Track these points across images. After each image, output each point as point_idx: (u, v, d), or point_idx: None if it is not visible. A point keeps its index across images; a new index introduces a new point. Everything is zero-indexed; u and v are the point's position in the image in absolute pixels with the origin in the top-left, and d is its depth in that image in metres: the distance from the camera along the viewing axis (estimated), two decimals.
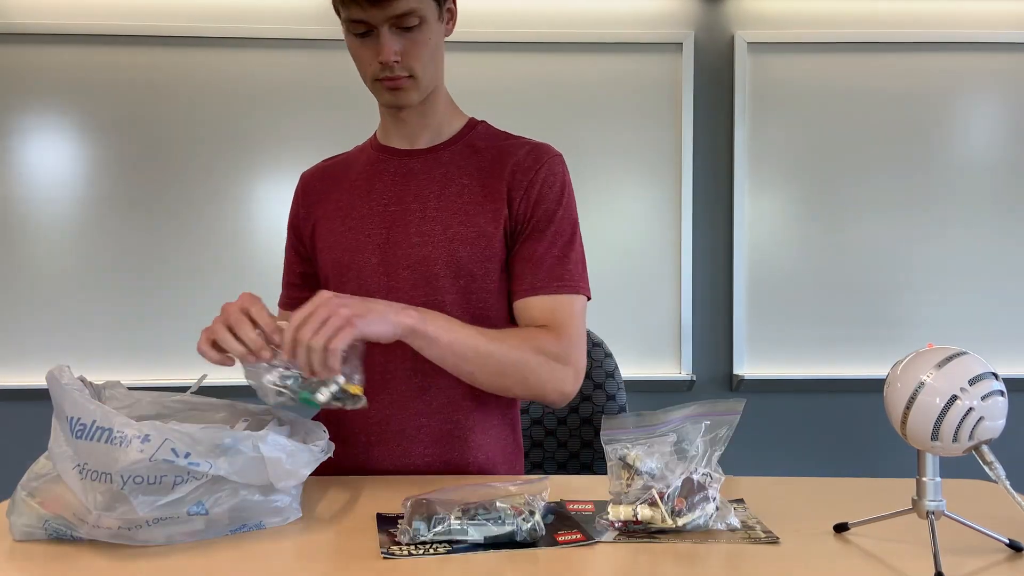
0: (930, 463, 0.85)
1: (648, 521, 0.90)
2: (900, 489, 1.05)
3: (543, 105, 2.51)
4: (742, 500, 1.03)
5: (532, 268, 1.22)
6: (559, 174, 1.27)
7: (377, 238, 1.25)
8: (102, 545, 0.87)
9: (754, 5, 2.55)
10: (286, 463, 0.91)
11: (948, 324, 2.56)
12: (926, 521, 0.84)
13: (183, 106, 2.48)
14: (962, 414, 0.80)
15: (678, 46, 2.53)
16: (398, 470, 1.22)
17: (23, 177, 2.46)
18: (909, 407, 0.82)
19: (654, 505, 0.90)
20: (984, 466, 0.82)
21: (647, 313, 2.54)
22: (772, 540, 0.89)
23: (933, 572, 0.78)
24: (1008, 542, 0.87)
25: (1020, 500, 0.82)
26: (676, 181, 2.54)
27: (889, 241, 2.56)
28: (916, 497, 0.86)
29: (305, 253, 1.36)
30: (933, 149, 2.56)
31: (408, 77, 1.20)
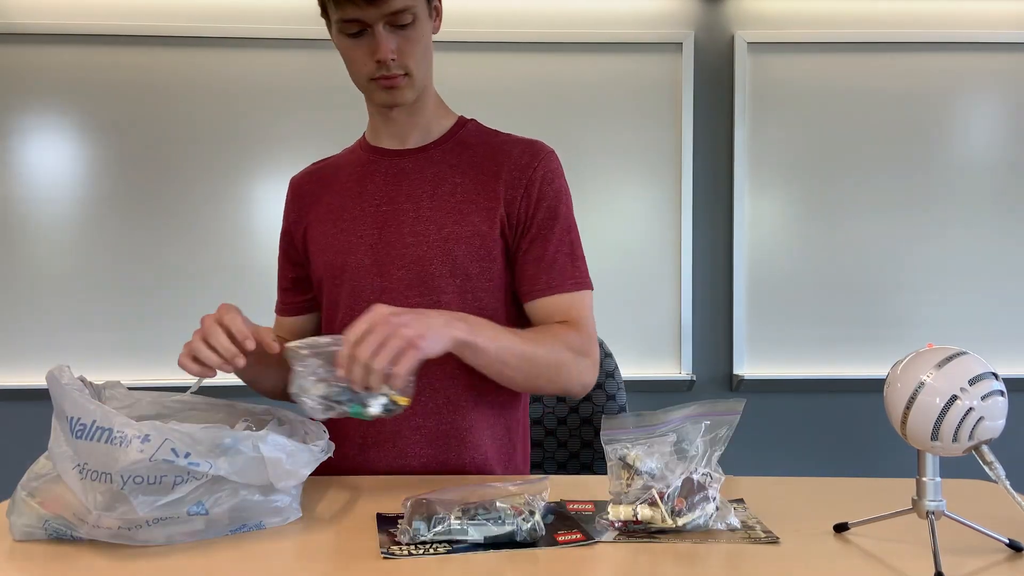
0: (930, 463, 0.85)
1: (648, 521, 0.90)
2: (900, 489, 1.05)
3: (543, 105, 2.51)
4: (742, 500, 1.03)
5: (546, 268, 1.23)
6: (556, 170, 1.28)
7: (370, 239, 1.25)
8: (102, 545, 0.87)
9: (754, 5, 2.55)
10: (286, 463, 0.91)
11: (948, 324, 2.56)
12: (926, 521, 0.84)
13: (183, 106, 2.47)
14: (962, 414, 0.80)
15: (678, 46, 2.53)
16: (394, 471, 1.22)
17: (23, 177, 2.46)
18: (909, 407, 0.82)
19: (654, 505, 0.90)
20: (984, 466, 0.82)
21: (647, 313, 2.54)
22: (772, 540, 0.89)
23: (933, 572, 0.78)
24: (1008, 542, 0.87)
25: (1020, 500, 0.82)
26: (676, 181, 2.54)
27: (889, 241, 2.56)
28: (916, 497, 0.86)
29: (297, 258, 1.36)
30: (933, 149, 2.56)
31: (404, 75, 1.20)
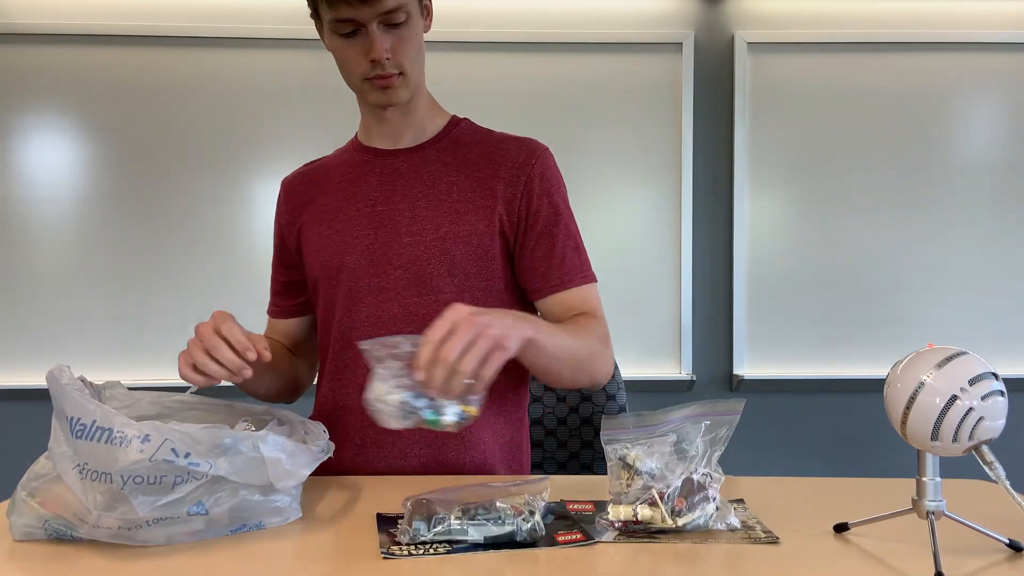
0: (930, 463, 0.85)
1: (648, 521, 0.90)
2: (900, 489, 1.05)
3: (543, 105, 2.51)
4: (742, 500, 1.03)
5: (556, 264, 1.23)
6: (553, 166, 1.29)
7: (365, 239, 1.25)
8: (102, 545, 0.87)
9: (754, 5, 2.55)
10: (286, 463, 0.91)
11: (948, 324, 2.56)
12: (926, 521, 0.84)
13: (183, 106, 2.47)
14: (962, 414, 0.80)
15: (678, 46, 2.53)
16: (394, 471, 1.22)
17: (23, 177, 2.46)
18: (909, 407, 0.82)
19: (654, 505, 0.90)
20: (984, 466, 0.82)
21: (647, 313, 2.54)
22: (772, 540, 0.89)
23: (933, 572, 0.78)
24: (1008, 542, 0.87)
25: (1020, 500, 0.82)
26: (676, 181, 2.54)
27: (889, 241, 2.56)
28: (916, 497, 0.86)
29: (290, 260, 1.35)
30: (933, 149, 2.56)
31: (399, 74, 1.20)
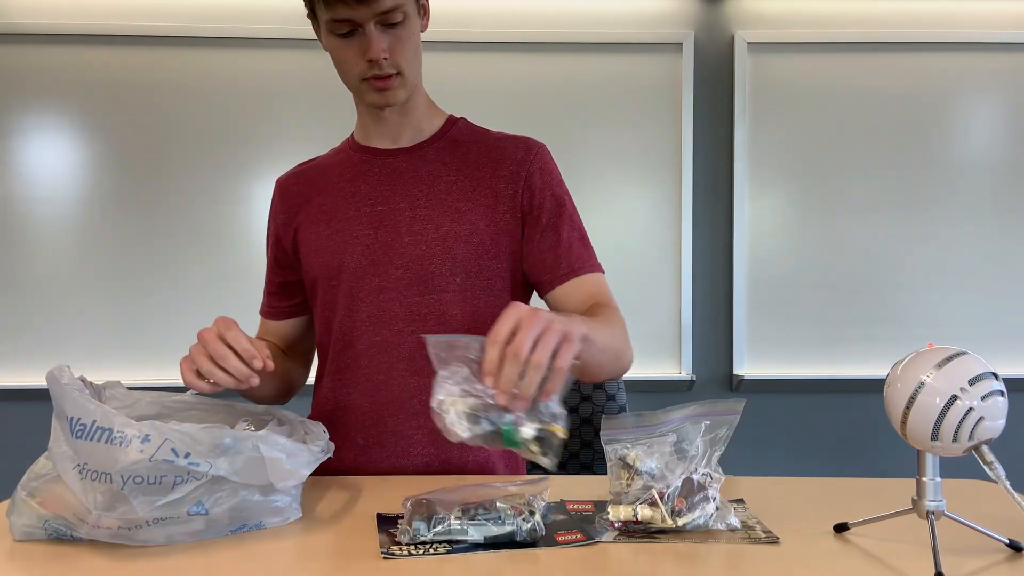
0: (930, 463, 0.85)
1: (648, 521, 0.90)
2: (900, 489, 1.05)
3: (543, 105, 2.51)
4: (742, 500, 1.03)
5: (564, 254, 1.24)
6: (551, 161, 1.30)
7: (366, 239, 1.25)
8: (102, 545, 0.87)
9: (754, 5, 2.55)
10: (286, 463, 0.91)
11: (948, 324, 2.56)
12: (926, 521, 0.84)
13: (183, 106, 2.47)
14: (962, 414, 0.80)
15: (678, 46, 2.53)
16: (396, 471, 1.22)
17: (23, 177, 2.46)
18: (909, 407, 0.82)
19: (654, 505, 0.90)
20: (984, 466, 0.82)
21: (647, 313, 2.54)
22: (772, 540, 0.89)
23: (933, 572, 0.78)
24: (1008, 542, 0.87)
25: (1020, 500, 0.82)
26: (676, 181, 2.54)
27: (889, 241, 2.56)
28: (916, 497, 0.86)
29: (286, 261, 1.35)
30: (933, 149, 2.56)
31: (396, 75, 1.20)
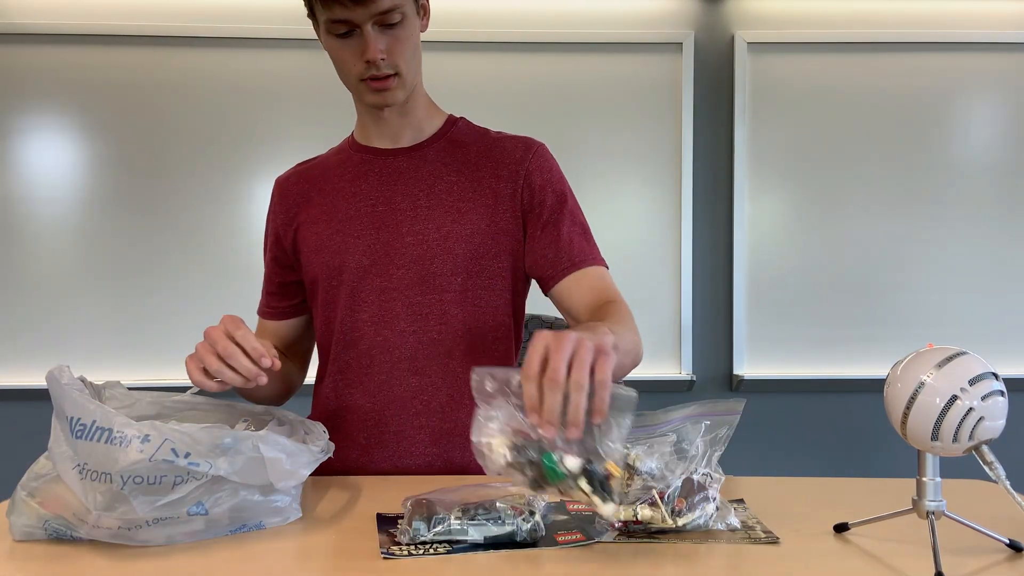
0: (930, 463, 0.85)
1: (648, 521, 0.90)
2: (900, 489, 1.05)
3: (543, 105, 2.51)
4: (742, 500, 1.03)
5: (565, 247, 1.24)
6: (551, 159, 1.30)
7: (367, 239, 1.25)
8: (102, 545, 0.87)
9: (754, 5, 2.55)
10: (286, 463, 0.91)
11: (948, 324, 2.56)
12: (926, 521, 0.84)
13: (183, 106, 2.47)
14: (962, 414, 0.80)
15: (678, 46, 2.53)
16: (398, 471, 1.22)
17: (23, 177, 2.46)
18: (909, 407, 0.82)
19: (654, 505, 0.90)
20: (984, 466, 0.82)
21: (647, 313, 2.54)
22: (772, 540, 0.89)
23: (933, 572, 0.78)
24: (1008, 542, 0.87)
25: (1020, 500, 0.82)
26: (676, 181, 2.54)
27: (889, 241, 2.56)
28: (916, 497, 0.86)
29: (285, 261, 1.34)
30: (933, 149, 2.56)
31: (394, 75, 1.20)
